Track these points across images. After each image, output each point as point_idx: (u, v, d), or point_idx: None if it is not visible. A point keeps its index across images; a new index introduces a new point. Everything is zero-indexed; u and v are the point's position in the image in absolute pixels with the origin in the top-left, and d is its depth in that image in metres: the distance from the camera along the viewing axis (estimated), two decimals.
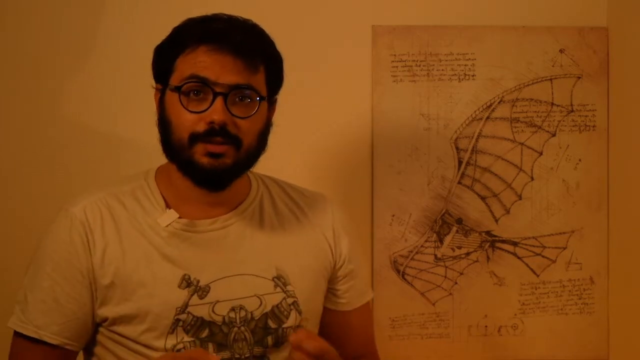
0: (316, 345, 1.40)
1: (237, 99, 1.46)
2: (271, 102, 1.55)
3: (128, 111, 2.06)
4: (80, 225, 1.49)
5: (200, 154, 1.45)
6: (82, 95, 2.08)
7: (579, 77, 2.20)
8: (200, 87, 1.45)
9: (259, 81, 1.49)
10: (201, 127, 1.44)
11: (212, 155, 1.45)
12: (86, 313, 1.49)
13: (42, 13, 2.06)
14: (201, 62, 1.45)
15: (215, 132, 1.44)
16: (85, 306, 1.49)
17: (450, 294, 2.19)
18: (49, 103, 2.07)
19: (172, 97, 1.47)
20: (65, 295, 1.48)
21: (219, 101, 1.44)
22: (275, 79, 1.54)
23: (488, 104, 2.18)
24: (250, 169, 1.55)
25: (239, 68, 1.45)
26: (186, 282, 1.49)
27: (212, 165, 1.46)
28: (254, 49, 1.47)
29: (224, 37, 1.45)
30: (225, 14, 1.51)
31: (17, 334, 1.50)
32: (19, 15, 2.06)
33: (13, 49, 2.06)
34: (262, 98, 1.48)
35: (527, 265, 2.21)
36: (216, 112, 1.43)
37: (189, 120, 1.45)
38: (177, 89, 1.46)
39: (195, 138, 1.45)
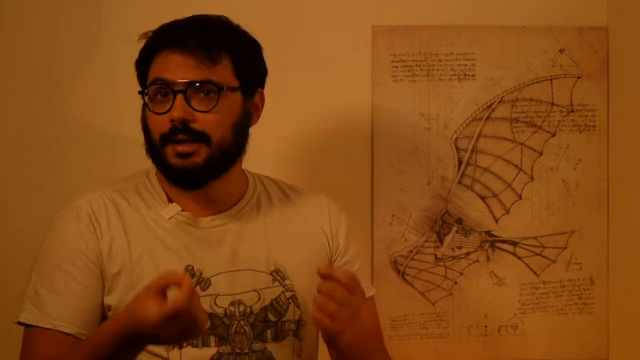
0: (346, 274, 1.41)
1: (202, 93, 1.48)
2: (250, 93, 1.55)
3: (133, 112, 2.05)
4: (86, 217, 1.51)
5: (171, 155, 1.48)
6: (88, 96, 2.08)
7: (579, 77, 2.20)
8: (163, 88, 1.48)
9: (222, 73, 1.50)
10: (166, 127, 1.48)
11: (181, 155, 1.48)
12: (98, 302, 1.50)
13: (48, 13, 2.07)
14: (161, 65, 1.49)
15: (178, 130, 1.47)
16: (97, 294, 1.50)
17: (450, 294, 2.19)
18: (55, 103, 2.07)
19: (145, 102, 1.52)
20: (79, 284, 1.49)
21: (178, 99, 1.47)
22: (247, 68, 1.54)
23: (488, 104, 2.18)
24: (239, 160, 1.55)
25: (193, 64, 1.47)
26: (190, 273, 1.50)
27: (182, 166, 1.48)
28: (211, 43, 1.49)
29: (180, 37, 1.49)
30: (195, 15, 1.55)
31: (28, 328, 1.50)
32: (24, 16, 2.06)
33: (18, 49, 2.06)
34: (221, 89, 1.49)
35: (527, 265, 2.21)
36: (175, 110, 1.46)
37: (157, 122, 1.49)
38: (144, 94, 1.51)
39: (164, 139, 1.48)
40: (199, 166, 1.48)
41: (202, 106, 1.48)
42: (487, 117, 2.18)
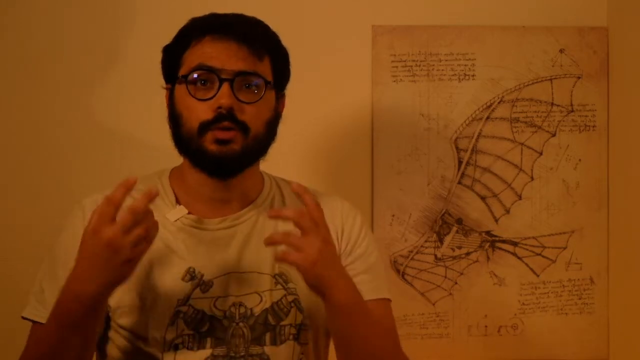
0: (312, 202, 1.41)
1: (244, 86, 1.48)
2: (279, 95, 1.57)
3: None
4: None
5: (209, 141, 1.47)
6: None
7: (579, 77, 2.20)
8: (207, 75, 1.47)
9: (265, 69, 1.51)
10: (210, 115, 1.46)
11: (220, 142, 1.47)
12: None
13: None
14: (207, 52, 1.48)
15: (224, 117, 1.46)
16: None
17: (450, 294, 2.19)
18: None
19: (180, 90, 1.50)
20: None
21: (225, 87, 1.46)
22: (281, 72, 1.56)
23: (488, 104, 2.18)
24: (261, 159, 1.55)
25: (243, 54, 1.48)
26: (190, 275, 1.50)
27: (221, 152, 1.47)
28: (258, 38, 1.50)
29: (228, 26, 1.49)
30: (229, 13, 1.55)
31: (34, 324, 1.50)
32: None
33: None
34: (268, 83, 1.50)
35: (527, 265, 2.21)
36: (223, 97, 1.46)
37: (198, 109, 1.47)
38: (184, 79, 1.48)
39: (204, 127, 1.47)
40: (236, 153, 1.48)
41: (247, 97, 1.48)
42: (487, 117, 2.18)
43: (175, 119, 1.51)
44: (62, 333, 1.38)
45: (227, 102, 1.45)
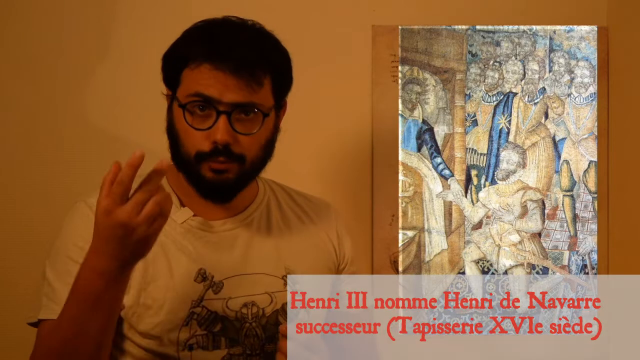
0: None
1: (242, 115, 1.46)
2: (279, 107, 1.55)
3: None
4: None
5: (206, 169, 1.48)
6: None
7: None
8: (204, 103, 1.45)
9: (264, 95, 1.48)
10: (206, 147, 1.46)
11: (215, 171, 1.47)
12: None
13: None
14: (205, 80, 1.45)
15: (219, 152, 1.45)
16: None
17: None
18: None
19: (178, 112, 1.48)
20: None
21: (222, 120, 1.44)
22: (283, 84, 1.54)
23: None
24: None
25: (241, 86, 1.44)
26: (202, 276, 1.51)
27: (215, 180, 1.48)
28: (257, 64, 1.46)
29: (227, 54, 1.44)
30: (231, 20, 1.51)
31: (45, 323, 1.45)
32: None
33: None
34: (265, 115, 1.48)
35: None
36: (219, 132, 1.44)
37: (195, 137, 1.46)
38: (182, 107, 1.47)
39: (200, 157, 1.47)
40: (230, 181, 1.49)
41: (244, 128, 1.46)
42: None
43: (173, 136, 1.51)
44: (83, 312, 1.33)
45: (224, 138, 1.44)
